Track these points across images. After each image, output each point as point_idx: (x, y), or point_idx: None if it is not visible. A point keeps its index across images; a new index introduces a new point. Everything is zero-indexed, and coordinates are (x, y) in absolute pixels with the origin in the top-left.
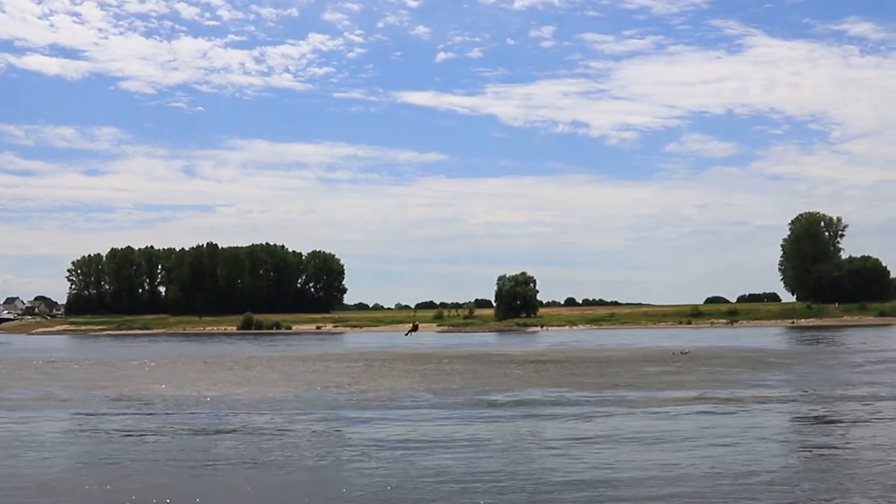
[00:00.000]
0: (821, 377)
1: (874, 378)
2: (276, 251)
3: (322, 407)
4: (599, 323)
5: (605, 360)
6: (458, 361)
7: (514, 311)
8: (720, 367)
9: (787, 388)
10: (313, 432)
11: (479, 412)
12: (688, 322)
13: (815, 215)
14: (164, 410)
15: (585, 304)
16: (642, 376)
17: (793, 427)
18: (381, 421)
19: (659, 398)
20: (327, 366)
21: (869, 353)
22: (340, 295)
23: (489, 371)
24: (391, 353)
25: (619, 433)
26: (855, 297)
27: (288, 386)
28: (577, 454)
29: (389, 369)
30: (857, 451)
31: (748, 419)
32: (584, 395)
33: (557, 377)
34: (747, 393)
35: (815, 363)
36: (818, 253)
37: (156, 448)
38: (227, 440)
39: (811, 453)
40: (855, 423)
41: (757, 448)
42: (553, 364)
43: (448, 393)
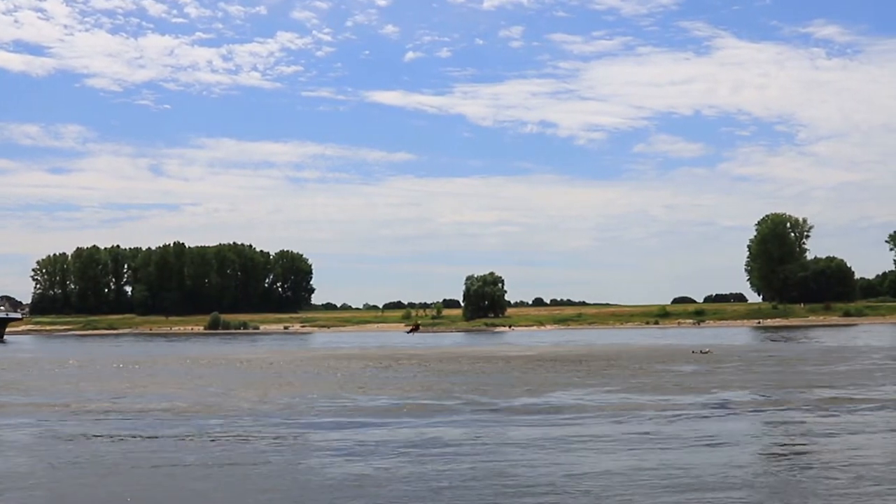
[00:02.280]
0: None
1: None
2: (244, 251)
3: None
4: (567, 323)
5: (617, 359)
6: (465, 362)
7: (482, 312)
8: (767, 368)
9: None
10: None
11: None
12: (655, 322)
13: (781, 216)
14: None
15: (553, 304)
16: (683, 377)
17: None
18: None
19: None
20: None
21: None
22: (308, 295)
23: (501, 371)
24: (399, 353)
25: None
26: (820, 298)
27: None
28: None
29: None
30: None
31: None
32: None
33: (587, 377)
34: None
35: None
36: (784, 254)
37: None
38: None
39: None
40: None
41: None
42: (564, 363)
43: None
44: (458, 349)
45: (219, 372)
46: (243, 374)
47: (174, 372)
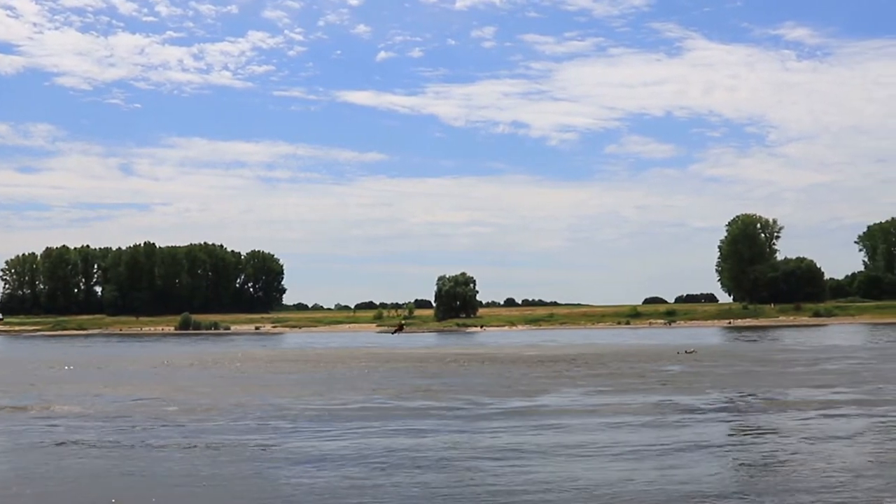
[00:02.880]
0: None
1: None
2: (215, 251)
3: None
4: (539, 323)
5: (605, 359)
6: (474, 361)
7: (454, 312)
8: (756, 368)
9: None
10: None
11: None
12: (626, 322)
13: (752, 217)
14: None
15: (525, 304)
16: (675, 377)
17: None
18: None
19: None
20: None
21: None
22: (279, 295)
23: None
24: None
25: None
26: (790, 298)
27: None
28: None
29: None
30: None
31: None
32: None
33: (581, 378)
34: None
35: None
36: (754, 254)
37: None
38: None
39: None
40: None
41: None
42: (564, 363)
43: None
44: (441, 350)
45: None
46: (211, 375)
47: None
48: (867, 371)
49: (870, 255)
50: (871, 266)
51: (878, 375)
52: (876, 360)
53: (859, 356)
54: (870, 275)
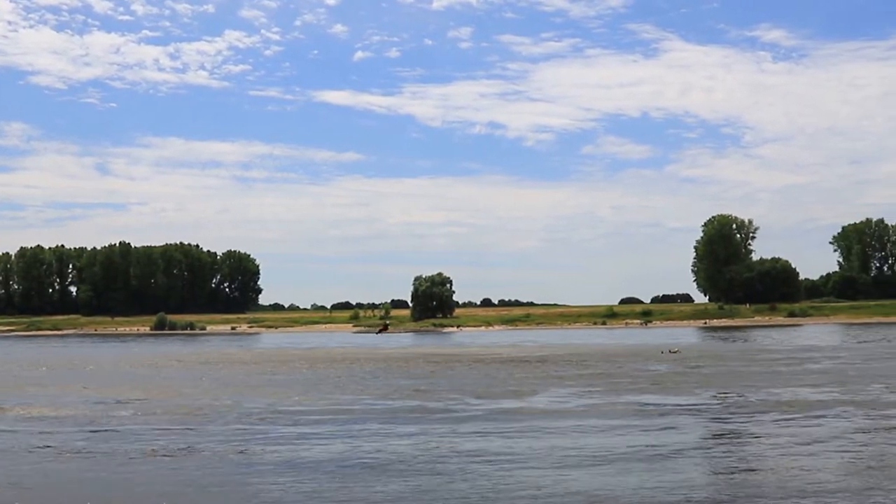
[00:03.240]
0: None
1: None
2: (191, 251)
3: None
4: (515, 323)
5: (589, 359)
6: (460, 362)
7: (431, 312)
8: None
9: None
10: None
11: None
12: (602, 323)
13: (727, 218)
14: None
15: (501, 304)
16: (664, 377)
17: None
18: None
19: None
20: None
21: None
22: (256, 295)
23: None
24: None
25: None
26: (765, 298)
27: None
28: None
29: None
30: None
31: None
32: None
33: (570, 378)
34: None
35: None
36: (730, 254)
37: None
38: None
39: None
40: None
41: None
42: (550, 364)
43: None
44: (423, 350)
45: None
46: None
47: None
48: (853, 371)
49: (844, 255)
50: (845, 267)
51: (865, 374)
52: (860, 360)
53: (841, 356)
54: (844, 275)
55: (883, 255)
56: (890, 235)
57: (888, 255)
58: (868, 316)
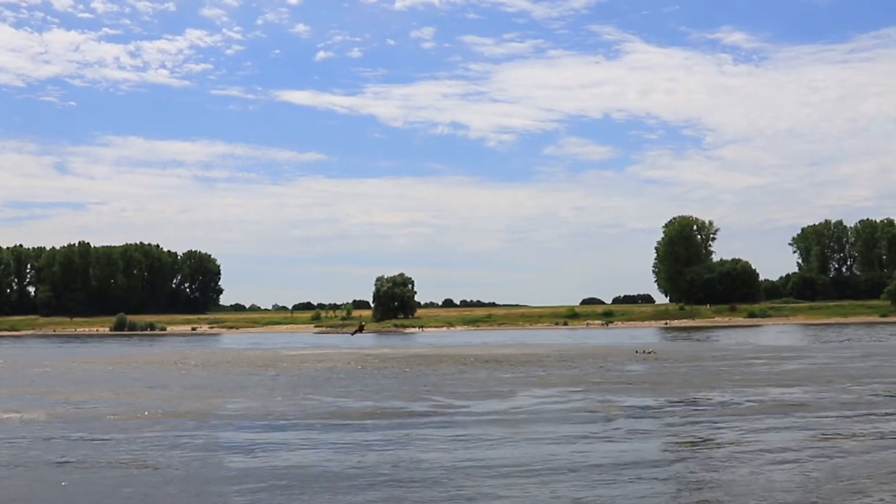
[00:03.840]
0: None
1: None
2: (151, 251)
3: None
4: (477, 324)
5: (569, 359)
6: (438, 361)
7: (392, 312)
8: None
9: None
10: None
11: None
12: (564, 323)
13: (688, 219)
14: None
15: (463, 305)
16: (642, 377)
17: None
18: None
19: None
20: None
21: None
22: (216, 296)
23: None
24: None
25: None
26: (725, 299)
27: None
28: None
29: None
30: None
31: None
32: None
33: (562, 378)
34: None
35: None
36: (690, 255)
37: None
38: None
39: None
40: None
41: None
42: (530, 364)
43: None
44: (394, 350)
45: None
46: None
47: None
48: (829, 370)
49: (803, 256)
50: (804, 268)
51: (842, 374)
52: (835, 360)
53: (816, 355)
54: (803, 276)
55: (841, 257)
56: (848, 237)
57: (846, 256)
58: (826, 316)
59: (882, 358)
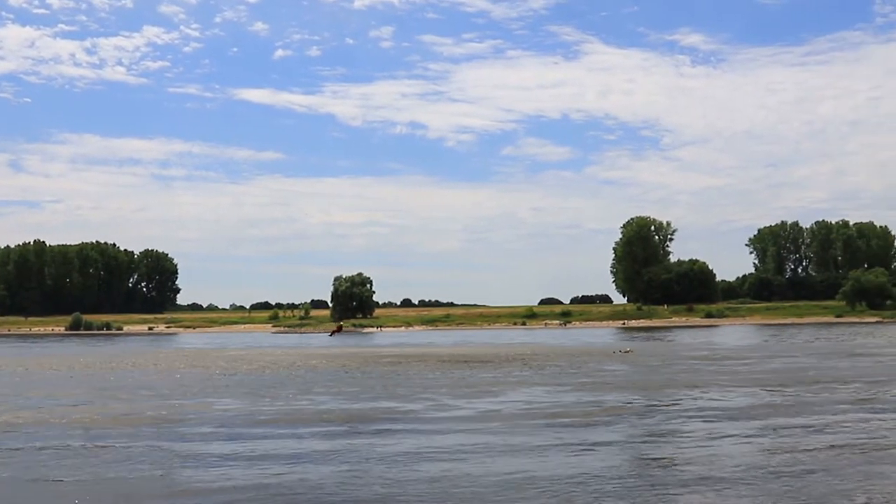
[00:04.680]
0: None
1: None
2: (107, 249)
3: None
4: (435, 324)
5: (544, 359)
6: (413, 361)
7: (351, 312)
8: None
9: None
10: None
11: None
12: (522, 323)
13: (646, 219)
14: None
15: (421, 304)
16: (627, 376)
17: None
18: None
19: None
20: None
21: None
22: (174, 295)
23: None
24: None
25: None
26: (683, 299)
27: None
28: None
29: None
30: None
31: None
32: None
33: (544, 377)
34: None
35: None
36: (648, 256)
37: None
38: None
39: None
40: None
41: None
42: (507, 364)
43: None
44: (365, 351)
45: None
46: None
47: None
48: (812, 370)
49: (760, 257)
50: (761, 268)
51: (825, 374)
52: (815, 359)
53: (793, 354)
54: (760, 277)
55: (797, 258)
56: (804, 238)
57: (802, 257)
58: (783, 317)
59: (873, 359)
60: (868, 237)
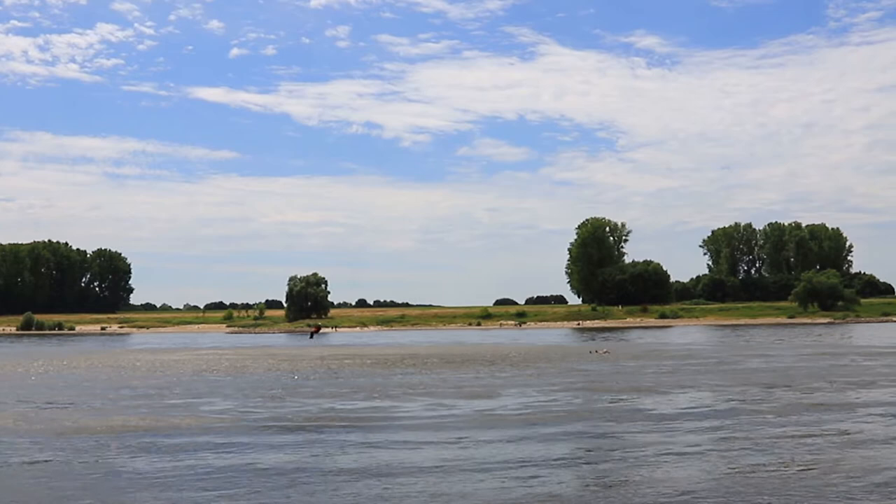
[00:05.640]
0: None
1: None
2: (59, 249)
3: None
4: (390, 324)
5: (522, 360)
6: (389, 362)
7: (306, 312)
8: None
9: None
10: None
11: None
12: (477, 323)
13: (601, 220)
14: None
15: (376, 305)
16: (614, 376)
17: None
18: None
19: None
20: None
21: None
22: (127, 295)
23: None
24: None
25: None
26: (637, 300)
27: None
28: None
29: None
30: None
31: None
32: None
33: (530, 378)
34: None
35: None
36: (603, 257)
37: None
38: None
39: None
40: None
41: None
42: (484, 364)
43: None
44: (332, 350)
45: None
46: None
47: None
48: (795, 370)
49: (713, 258)
50: (714, 269)
51: (811, 375)
52: (794, 359)
53: (772, 354)
54: (713, 278)
55: (750, 259)
56: (757, 239)
57: (755, 258)
58: (736, 318)
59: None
60: (820, 239)
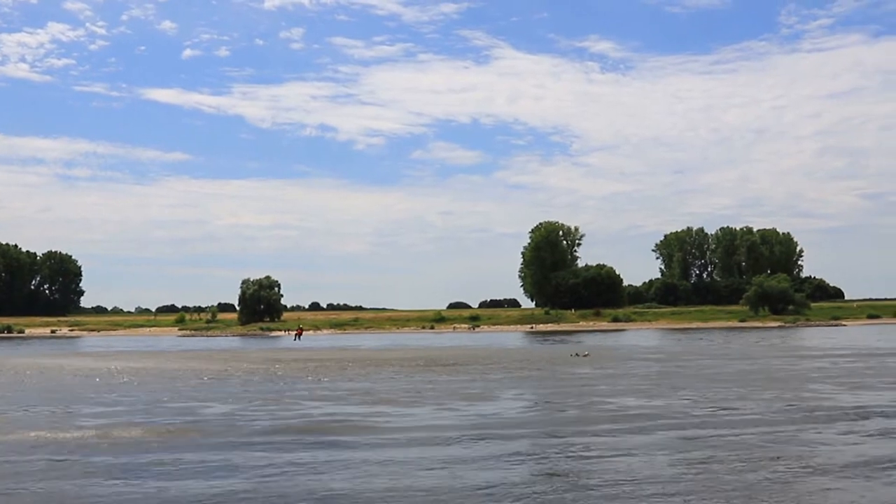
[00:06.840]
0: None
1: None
2: (8, 251)
3: None
4: (344, 328)
5: (498, 361)
6: (360, 363)
7: (259, 316)
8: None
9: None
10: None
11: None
12: (431, 327)
13: (554, 224)
14: None
15: (330, 308)
16: (606, 379)
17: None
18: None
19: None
20: None
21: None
22: (77, 297)
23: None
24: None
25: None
26: (590, 304)
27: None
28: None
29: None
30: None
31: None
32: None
33: (516, 380)
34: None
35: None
36: (556, 260)
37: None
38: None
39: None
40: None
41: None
42: (463, 366)
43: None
44: (297, 353)
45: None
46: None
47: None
48: (781, 372)
49: (666, 262)
50: (667, 273)
51: (798, 377)
52: (781, 362)
53: (755, 357)
54: (666, 282)
55: (702, 263)
56: (709, 244)
57: (707, 262)
58: (688, 321)
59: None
60: (771, 243)
